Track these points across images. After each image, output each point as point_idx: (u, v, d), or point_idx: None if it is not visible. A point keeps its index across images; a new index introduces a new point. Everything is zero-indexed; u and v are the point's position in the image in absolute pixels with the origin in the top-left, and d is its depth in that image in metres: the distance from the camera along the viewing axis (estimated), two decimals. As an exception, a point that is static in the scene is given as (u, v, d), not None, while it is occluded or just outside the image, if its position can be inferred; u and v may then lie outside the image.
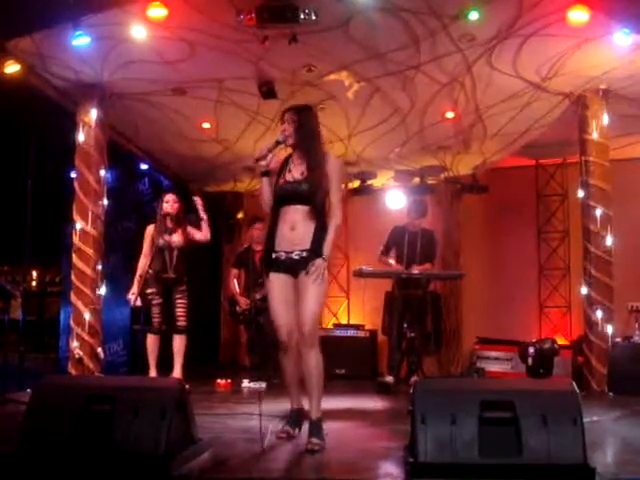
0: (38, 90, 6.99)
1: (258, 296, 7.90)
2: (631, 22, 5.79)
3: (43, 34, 6.03)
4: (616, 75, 6.93)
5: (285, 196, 4.27)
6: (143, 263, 6.86)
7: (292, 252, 4.21)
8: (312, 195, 4.21)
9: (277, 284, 4.28)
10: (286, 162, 4.41)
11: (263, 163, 4.28)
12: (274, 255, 4.26)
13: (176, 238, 6.89)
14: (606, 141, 7.47)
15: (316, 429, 4.13)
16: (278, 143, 4.33)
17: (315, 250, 4.18)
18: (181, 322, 6.90)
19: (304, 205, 4.21)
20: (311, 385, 4.23)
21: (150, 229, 7.00)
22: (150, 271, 6.78)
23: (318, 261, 4.15)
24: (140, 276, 6.79)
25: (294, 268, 4.22)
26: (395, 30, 6.14)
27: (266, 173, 4.32)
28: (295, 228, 4.21)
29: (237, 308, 8.23)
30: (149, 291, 6.84)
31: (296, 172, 4.31)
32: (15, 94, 6.62)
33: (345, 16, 5.94)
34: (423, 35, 6.23)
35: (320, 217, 4.23)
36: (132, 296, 6.75)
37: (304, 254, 4.19)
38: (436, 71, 6.93)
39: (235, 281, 8.36)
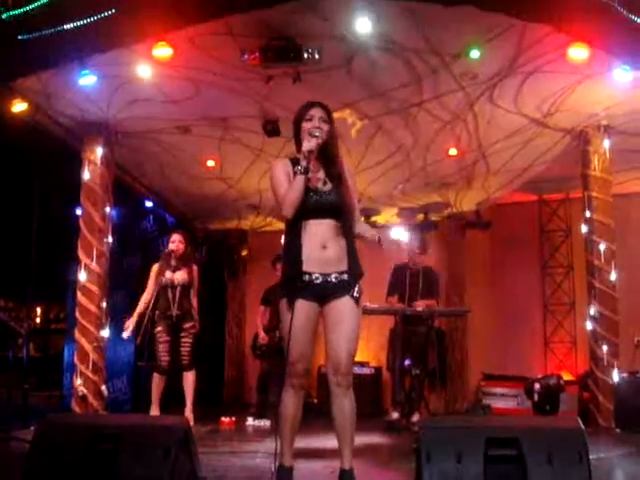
0: (44, 128, 7.08)
1: (279, 334, 7.91)
2: (631, 59, 5.85)
3: (50, 73, 6.11)
4: (617, 111, 6.99)
5: (312, 209, 3.66)
6: (145, 299, 6.93)
7: (329, 274, 3.63)
8: (342, 208, 3.69)
9: (304, 312, 3.61)
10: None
11: (313, 157, 3.64)
12: (306, 277, 3.61)
13: (179, 276, 6.94)
14: (608, 176, 7.51)
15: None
16: (317, 140, 3.65)
17: (356, 271, 3.69)
18: (185, 361, 6.93)
19: (333, 219, 3.68)
20: (345, 430, 3.75)
21: (155, 267, 7.06)
22: (157, 312, 6.87)
23: (360, 284, 3.70)
24: (140, 312, 6.85)
25: (329, 293, 3.64)
26: (397, 69, 6.23)
27: (307, 171, 3.61)
28: (327, 246, 3.64)
29: (258, 342, 8.29)
30: (156, 330, 6.87)
31: (316, 181, 3.73)
32: (21, 132, 6.70)
33: (348, 55, 6.03)
34: (425, 73, 6.31)
35: (350, 232, 3.72)
36: (126, 329, 6.79)
37: (344, 276, 3.65)
38: (438, 109, 7.00)
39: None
